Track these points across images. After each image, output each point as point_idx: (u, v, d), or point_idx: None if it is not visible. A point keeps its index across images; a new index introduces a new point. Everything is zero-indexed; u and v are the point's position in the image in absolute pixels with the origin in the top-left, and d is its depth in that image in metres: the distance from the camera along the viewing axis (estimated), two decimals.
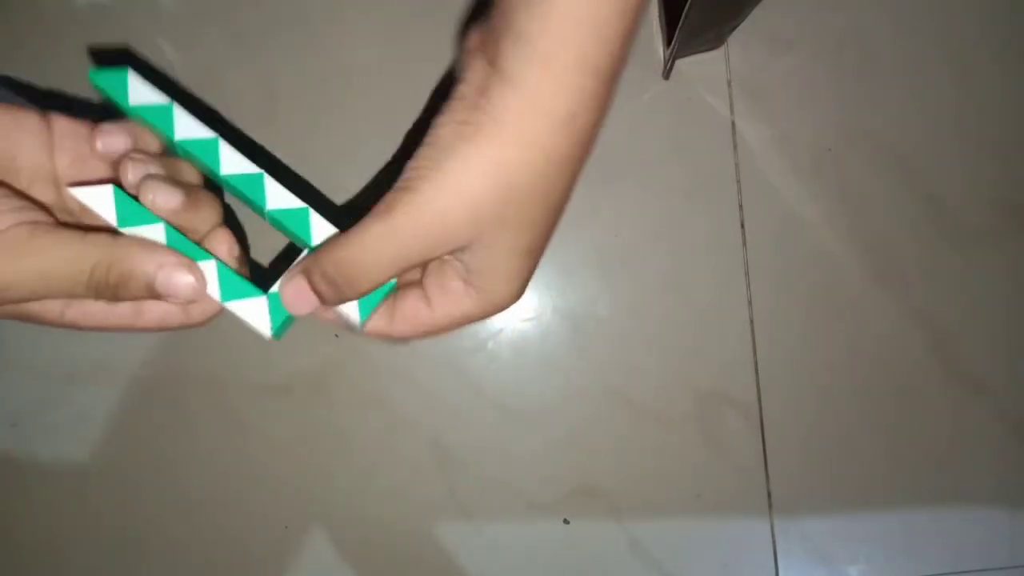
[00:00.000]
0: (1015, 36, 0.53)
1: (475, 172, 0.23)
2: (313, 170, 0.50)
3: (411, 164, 0.24)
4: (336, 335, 0.50)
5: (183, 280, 0.26)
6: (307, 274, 0.26)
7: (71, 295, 0.25)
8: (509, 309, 0.26)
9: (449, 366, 0.51)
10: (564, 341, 0.51)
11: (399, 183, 0.24)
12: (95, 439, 0.50)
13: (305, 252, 0.28)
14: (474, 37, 0.24)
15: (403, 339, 0.28)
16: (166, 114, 0.28)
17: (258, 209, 0.28)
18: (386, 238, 0.24)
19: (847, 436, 0.51)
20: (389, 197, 0.24)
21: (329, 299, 0.26)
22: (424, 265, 0.27)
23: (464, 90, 0.23)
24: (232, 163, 0.28)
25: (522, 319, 0.51)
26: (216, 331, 0.51)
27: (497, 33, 0.22)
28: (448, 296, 0.26)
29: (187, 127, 0.28)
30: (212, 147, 0.28)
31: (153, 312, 0.28)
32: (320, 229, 0.28)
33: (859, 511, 0.51)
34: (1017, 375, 0.52)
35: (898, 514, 0.51)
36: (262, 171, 0.28)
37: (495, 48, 0.22)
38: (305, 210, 0.28)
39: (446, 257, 0.26)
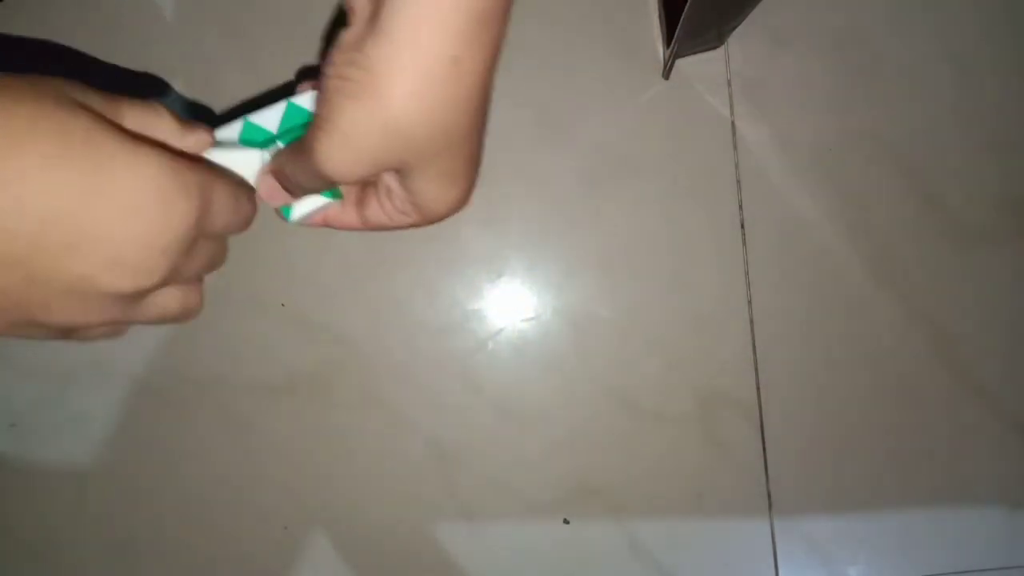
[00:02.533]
0: (1015, 35, 0.53)
1: (364, 131, 0.23)
2: None
3: (315, 112, 0.24)
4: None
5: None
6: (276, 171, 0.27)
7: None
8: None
9: (449, 366, 0.51)
10: (564, 341, 0.51)
11: (302, 141, 0.25)
12: (95, 439, 0.50)
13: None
14: None
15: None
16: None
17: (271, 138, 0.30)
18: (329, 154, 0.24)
19: (847, 436, 0.51)
20: (303, 143, 0.25)
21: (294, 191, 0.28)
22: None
23: (346, 37, 0.24)
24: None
25: (522, 319, 0.51)
26: (216, 331, 0.51)
27: None
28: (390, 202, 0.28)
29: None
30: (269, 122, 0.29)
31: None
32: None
33: (859, 511, 0.51)
34: (1017, 375, 0.52)
35: (898, 514, 0.51)
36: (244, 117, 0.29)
37: None
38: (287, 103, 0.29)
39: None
